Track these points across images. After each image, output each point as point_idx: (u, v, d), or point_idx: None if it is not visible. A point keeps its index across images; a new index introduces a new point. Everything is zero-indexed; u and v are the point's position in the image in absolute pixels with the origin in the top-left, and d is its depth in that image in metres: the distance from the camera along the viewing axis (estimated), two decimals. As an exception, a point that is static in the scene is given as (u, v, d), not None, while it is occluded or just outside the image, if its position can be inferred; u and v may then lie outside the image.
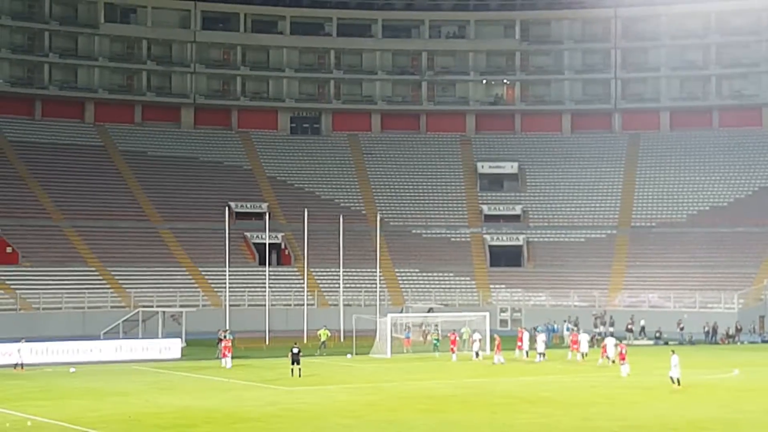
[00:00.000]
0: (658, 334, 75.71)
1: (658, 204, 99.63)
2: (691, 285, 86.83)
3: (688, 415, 38.58)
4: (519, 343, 61.58)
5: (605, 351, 57.36)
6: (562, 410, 39.68)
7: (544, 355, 59.97)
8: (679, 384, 45.86)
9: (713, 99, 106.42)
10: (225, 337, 59.38)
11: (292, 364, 50.45)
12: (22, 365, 54.40)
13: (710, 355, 65.90)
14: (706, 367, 56.43)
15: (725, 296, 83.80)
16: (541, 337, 60.71)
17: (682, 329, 76.85)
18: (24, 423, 36.30)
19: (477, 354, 60.46)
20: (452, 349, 61.06)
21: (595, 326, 77.87)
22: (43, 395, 44.37)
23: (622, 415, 38.42)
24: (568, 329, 72.01)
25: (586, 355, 60.06)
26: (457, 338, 62.17)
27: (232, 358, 56.69)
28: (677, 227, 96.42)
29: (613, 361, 54.77)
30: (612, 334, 75.87)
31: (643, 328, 77.35)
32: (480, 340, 61.60)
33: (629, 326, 76.30)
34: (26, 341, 56.98)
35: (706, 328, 77.20)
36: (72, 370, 54.09)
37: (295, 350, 50.89)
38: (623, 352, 52.14)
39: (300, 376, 49.76)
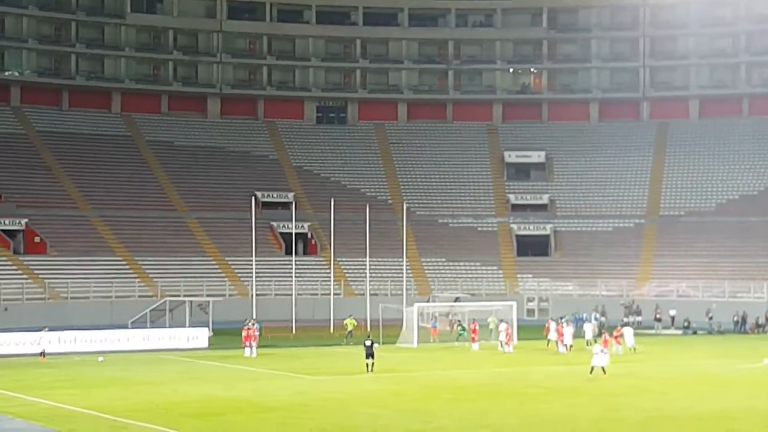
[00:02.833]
0: (686, 324, 75.32)
1: (687, 193, 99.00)
2: (720, 274, 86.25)
3: (715, 405, 38.32)
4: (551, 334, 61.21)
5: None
6: (589, 400, 39.50)
7: (584, 344, 59.88)
8: (604, 372, 45.88)
9: (743, 87, 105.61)
10: (252, 325, 59.21)
11: (367, 358, 48.25)
12: (44, 354, 54.68)
13: (739, 344, 65.51)
14: (735, 357, 56.11)
15: (755, 285, 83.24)
16: (568, 330, 60.27)
17: (710, 319, 76.41)
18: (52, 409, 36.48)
19: (502, 344, 60.25)
20: (473, 338, 60.92)
21: (625, 315, 77.60)
22: (72, 384, 44.55)
23: (649, 405, 38.18)
24: (596, 318, 71.66)
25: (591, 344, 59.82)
26: (477, 327, 61.85)
27: (258, 347, 56.73)
28: (706, 216, 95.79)
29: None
30: (640, 323, 75.87)
31: (673, 318, 76.98)
32: (507, 329, 61.31)
33: (657, 315, 76.00)
34: (51, 330, 57.33)
35: (736, 318, 76.74)
36: (100, 359, 54.29)
37: (368, 343, 48.88)
38: (606, 339, 51.92)
39: (373, 370, 47.84)
